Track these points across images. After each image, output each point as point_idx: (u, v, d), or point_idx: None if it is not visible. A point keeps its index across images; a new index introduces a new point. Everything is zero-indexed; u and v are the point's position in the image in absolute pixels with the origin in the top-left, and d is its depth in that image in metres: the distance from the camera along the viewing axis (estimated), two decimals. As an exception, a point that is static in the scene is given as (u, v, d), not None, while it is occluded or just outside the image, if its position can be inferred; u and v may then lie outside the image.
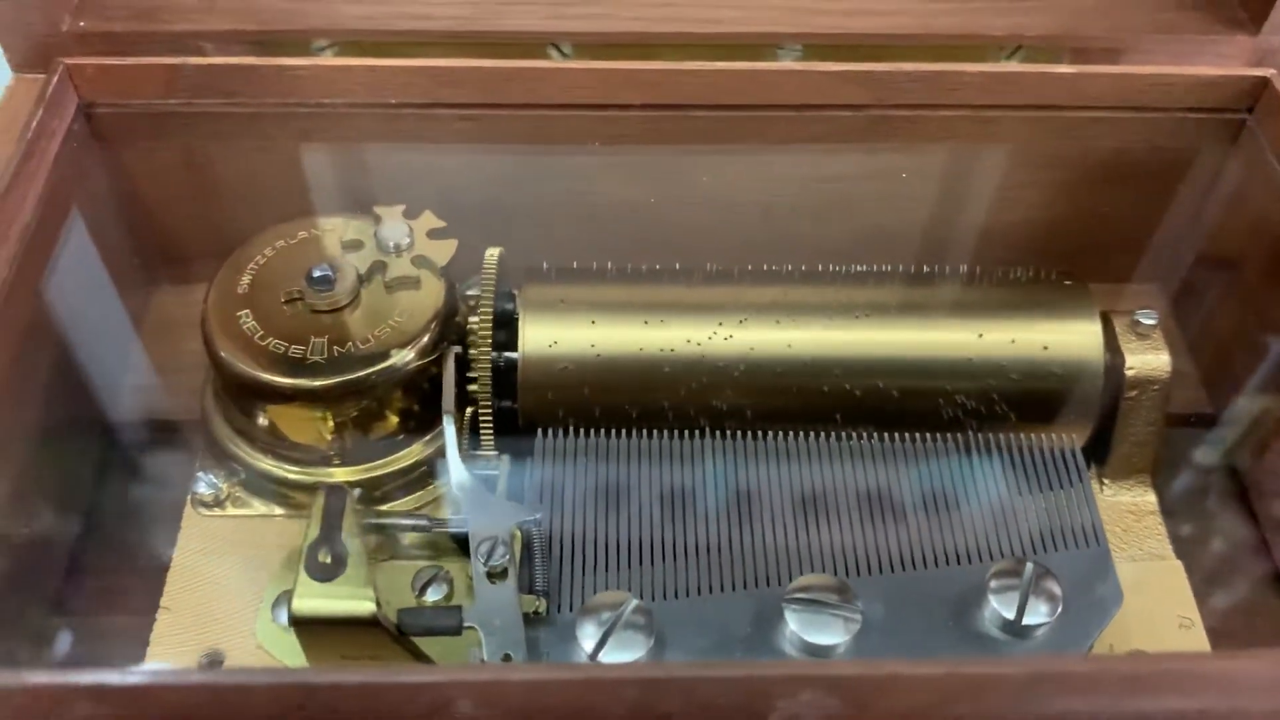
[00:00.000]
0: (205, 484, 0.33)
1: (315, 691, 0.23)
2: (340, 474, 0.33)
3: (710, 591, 0.29)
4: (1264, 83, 0.36)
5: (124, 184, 0.37)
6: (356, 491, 0.31)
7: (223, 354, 0.31)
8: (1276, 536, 0.34)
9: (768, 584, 0.29)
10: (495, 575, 0.29)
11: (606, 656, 0.27)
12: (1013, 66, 0.37)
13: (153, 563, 0.32)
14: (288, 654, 0.30)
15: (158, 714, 0.23)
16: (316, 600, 0.27)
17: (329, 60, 0.36)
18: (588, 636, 0.28)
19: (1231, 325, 0.38)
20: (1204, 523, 0.35)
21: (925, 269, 0.34)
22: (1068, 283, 0.34)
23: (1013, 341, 0.32)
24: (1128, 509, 0.34)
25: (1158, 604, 0.32)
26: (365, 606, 0.27)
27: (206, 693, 0.23)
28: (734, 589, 0.29)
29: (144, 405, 0.37)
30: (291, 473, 0.33)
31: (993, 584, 0.29)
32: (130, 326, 0.38)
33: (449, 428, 0.31)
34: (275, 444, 0.32)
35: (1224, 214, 0.38)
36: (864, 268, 0.34)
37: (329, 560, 0.28)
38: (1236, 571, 0.34)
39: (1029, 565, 0.29)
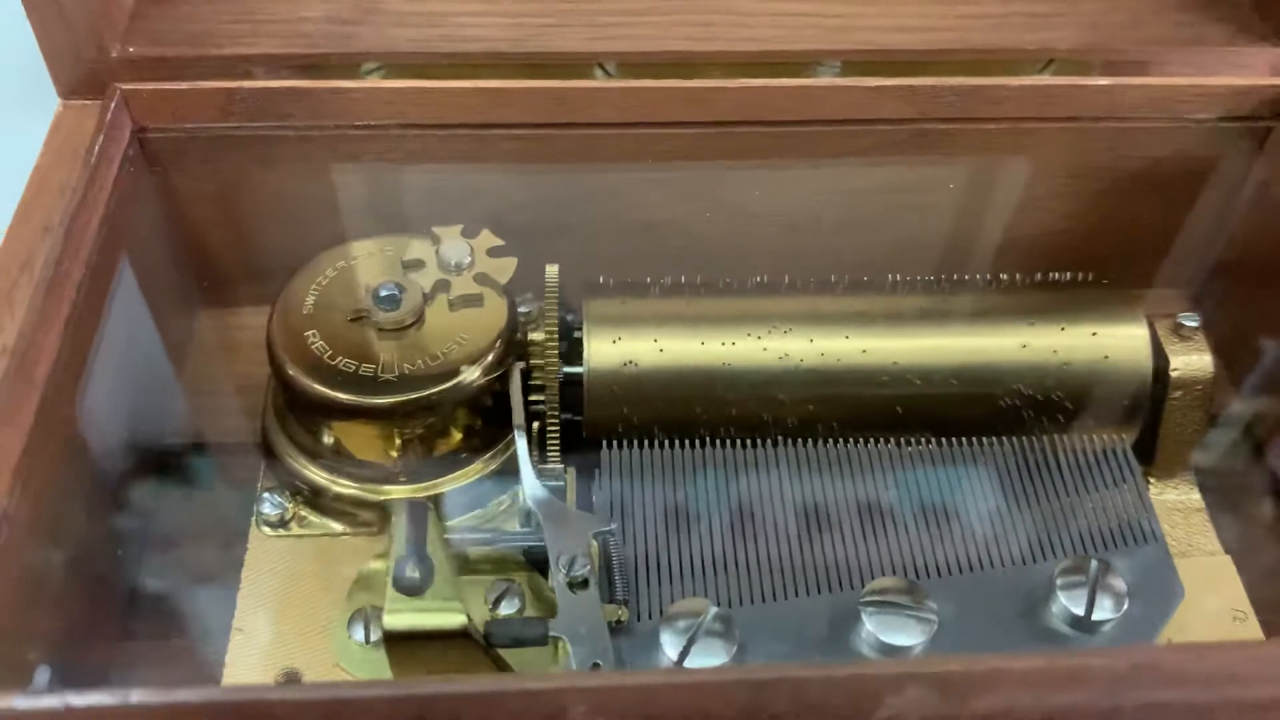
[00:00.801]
0: (270, 504, 0.33)
1: (433, 702, 0.23)
2: (403, 491, 0.33)
3: (785, 597, 0.30)
4: None
5: (173, 206, 0.37)
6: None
7: (292, 373, 0.31)
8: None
9: (841, 588, 0.30)
10: (576, 586, 0.29)
11: (692, 663, 0.28)
12: (1048, 80, 0.38)
13: (221, 584, 0.33)
14: (367, 671, 0.30)
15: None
16: (407, 615, 0.27)
17: (379, 83, 0.37)
18: (671, 644, 0.28)
19: (1261, 330, 0.39)
20: (1246, 519, 0.36)
21: (969, 277, 0.35)
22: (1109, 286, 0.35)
23: (1064, 346, 0.34)
24: (1175, 507, 0.35)
25: (1211, 598, 0.33)
26: (456, 619, 0.27)
27: (324, 707, 0.23)
28: (807, 594, 0.30)
29: (199, 428, 0.37)
30: (357, 490, 0.33)
31: (1059, 581, 0.31)
32: (180, 349, 0.38)
33: (521, 443, 0.31)
34: (341, 462, 0.33)
35: (1251, 220, 0.39)
36: (912, 277, 0.35)
37: (416, 575, 0.28)
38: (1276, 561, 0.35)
39: (1094, 562, 0.30)
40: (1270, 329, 0.39)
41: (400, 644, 0.28)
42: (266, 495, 0.34)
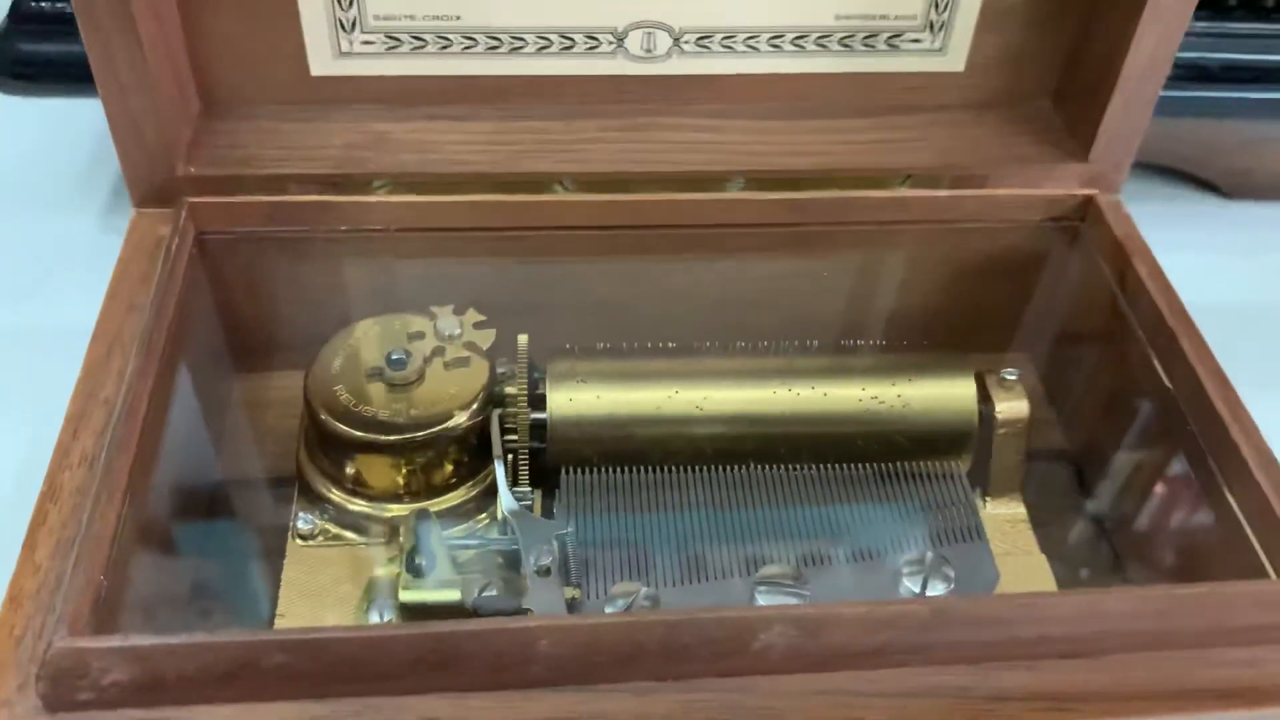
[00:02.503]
0: (304, 521, 0.42)
1: (443, 638, 0.32)
2: (406, 509, 0.42)
3: (699, 581, 0.39)
4: (1090, 199, 0.48)
5: (223, 292, 0.46)
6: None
7: (324, 417, 0.41)
8: (1114, 534, 0.46)
9: (742, 574, 0.39)
10: (542, 573, 0.38)
11: (627, 627, 0.37)
12: (906, 192, 0.48)
13: (266, 584, 0.42)
14: (381, 643, 0.39)
15: (329, 660, 0.32)
16: (417, 592, 0.37)
17: (387, 196, 0.46)
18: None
19: (1080, 382, 0.50)
20: (1060, 527, 0.46)
21: (844, 342, 0.46)
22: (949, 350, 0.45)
23: (911, 395, 0.44)
24: (1004, 518, 0.45)
25: (1026, 586, 0.43)
26: (454, 595, 0.37)
27: (364, 642, 0.32)
28: (719, 578, 0.39)
29: (244, 466, 0.46)
30: (370, 509, 0.42)
31: (904, 570, 0.40)
32: (225, 403, 0.47)
33: (499, 469, 0.41)
34: (359, 487, 0.42)
35: (1069, 299, 0.49)
36: (799, 343, 0.45)
37: (423, 563, 0.37)
38: (1084, 561, 0.45)
39: (929, 554, 0.40)
40: (1085, 381, 0.49)
41: (411, 614, 0.37)
42: (300, 514, 0.43)
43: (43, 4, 0.56)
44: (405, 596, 0.36)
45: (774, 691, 0.33)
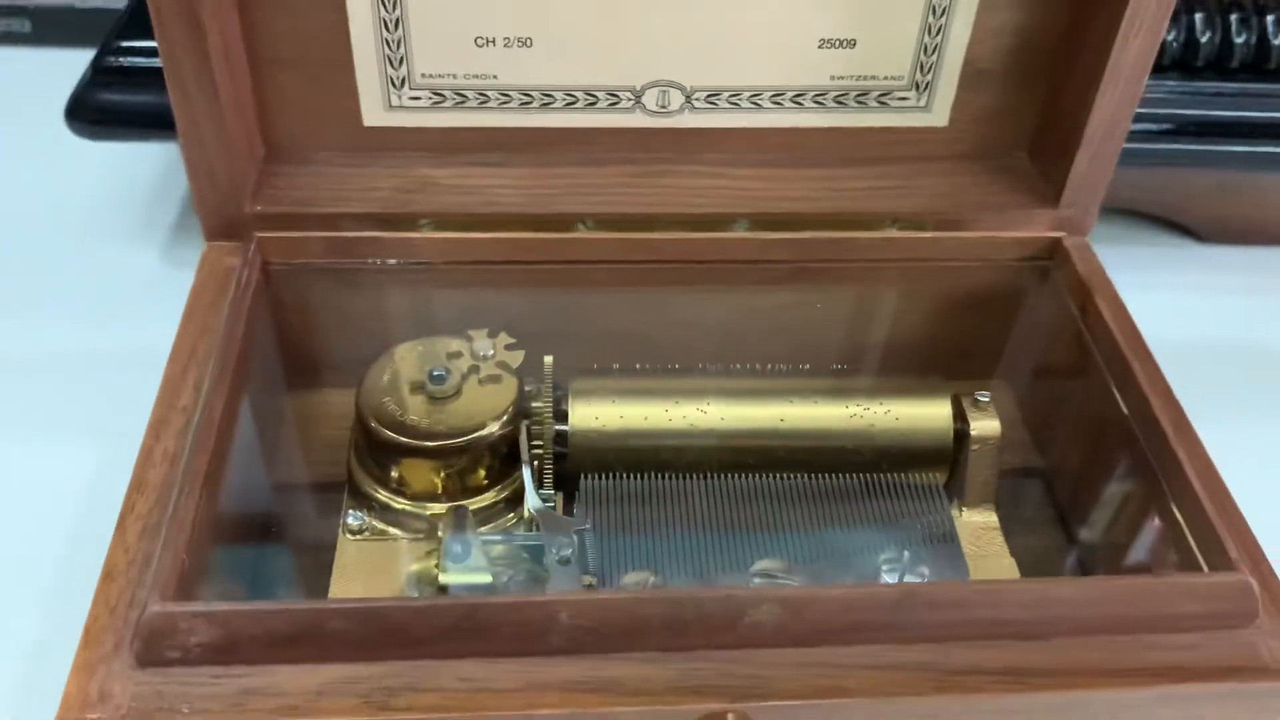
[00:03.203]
0: (354, 518, 0.47)
1: (477, 609, 0.37)
2: (443, 507, 0.47)
3: (702, 573, 0.44)
4: (1057, 241, 0.52)
5: (283, 317, 0.50)
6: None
7: (373, 425, 0.46)
8: (1077, 538, 0.50)
9: (740, 567, 0.44)
10: (562, 563, 0.43)
11: (637, 611, 0.42)
12: (894, 234, 0.51)
13: (320, 573, 0.47)
14: (421, 624, 0.44)
15: (380, 626, 0.37)
16: (455, 575, 0.42)
17: (431, 233, 0.50)
18: (624, 600, 0.42)
19: (1050, 405, 0.54)
20: (1031, 535, 0.51)
21: (837, 367, 0.51)
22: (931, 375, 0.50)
23: (894, 414, 0.48)
24: (978, 526, 0.49)
25: (997, 586, 0.47)
26: (486, 577, 0.42)
27: (410, 611, 0.37)
28: (720, 571, 0.44)
29: (300, 471, 0.52)
30: (412, 507, 0.46)
31: (883, 566, 0.44)
32: (283, 415, 0.53)
33: (526, 473, 0.46)
34: (402, 488, 0.47)
35: (1040, 331, 0.54)
36: (794, 367, 0.50)
37: (459, 549, 0.42)
38: (1049, 561, 0.49)
39: (906, 553, 0.45)
40: (1054, 404, 0.54)
41: (449, 594, 0.42)
42: (350, 512, 0.47)
43: (120, 60, 0.62)
44: (444, 579, 0.42)
45: (762, 662, 0.37)
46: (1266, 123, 0.64)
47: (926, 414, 0.48)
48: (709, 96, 0.52)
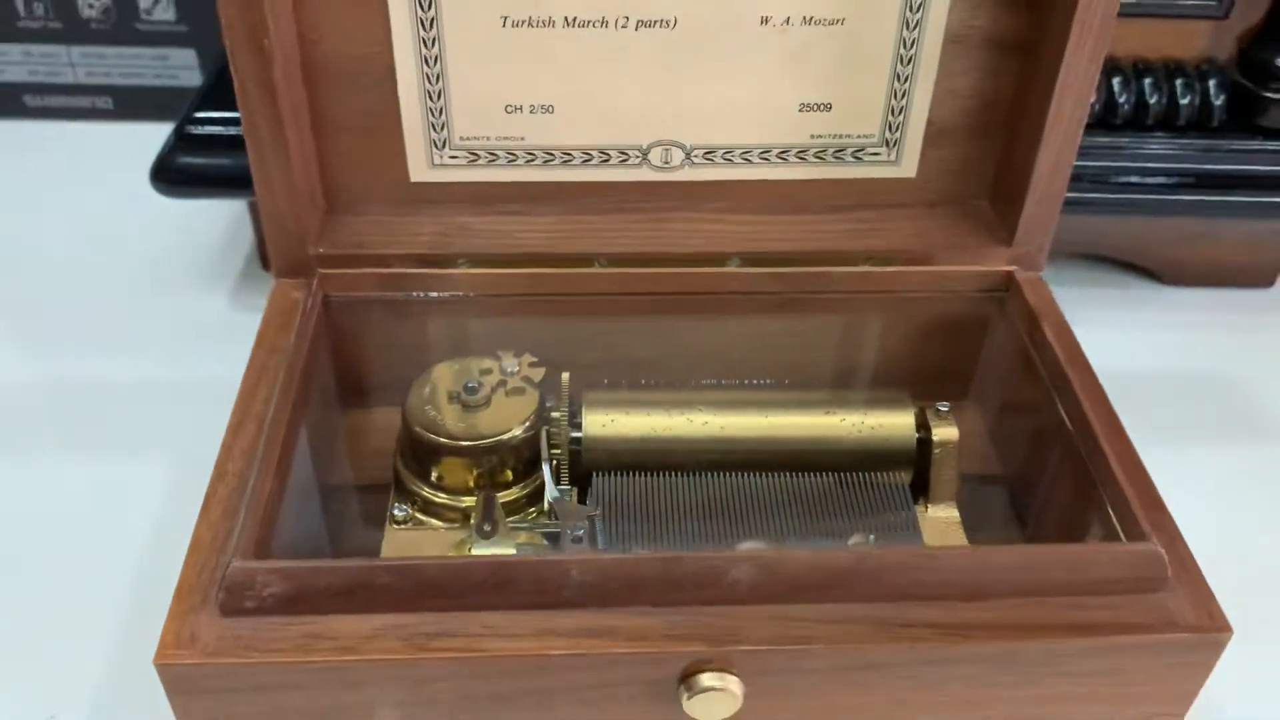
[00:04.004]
0: (399, 510, 0.54)
1: (501, 566, 0.44)
2: (474, 501, 0.55)
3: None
4: (1011, 274, 0.58)
5: (339, 342, 0.59)
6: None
7: (416, 429, 0.54)
8: (1026, 528, 0.56)
9: (734, 547, 0.51)
10: (576, 542, 0.50)
11: (639, 582, 0.49)
12: (866, 268, 0.57)
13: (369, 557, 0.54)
14: (455, 597, 0.51)
15: (419, 580, 0.43)
16: (484, 548, 0.49)
17: (467, 270, 0.56)
18: (628, 573, 0.50)
19: (1009, 418, 0.61)
20: (991, 530, 0.57)
21: (817, 383, 0.58)
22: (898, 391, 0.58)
23: (865, 423, 0.55)
24: (942, 521, 0.55)
25: (956, 570, 0.54)
26: (511, 550, 0.49)
27: (444, 568, 0.44)
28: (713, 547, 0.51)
29: (353, 472, 0.60)
30: (449, 500, 0.54)
31: (851, 547, 0.52)
32: (337, 430, 0.61)
33: (546, 470, 0.53)
34: (440, 484, 0.54)
35: (997, 353, 0.61)
36: (781, 383, 0.58)
37: (488, 529, 0.50)
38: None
39: (871, 537, 0.51)
40: (1012, 417, 0.61)
41: (478, 566, 0.49)
42: (396, 505, 0.54)
43: (197, 129, 0.72)
44: (476, 551, 0.49)
45: (740, 615, 0.42)
46: (1212, 174, 0.71)
47: (892, 422, 0.55)
48: (706, 153, 0.58)
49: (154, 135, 0.70)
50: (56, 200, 0.82)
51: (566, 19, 0.54)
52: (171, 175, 0.71)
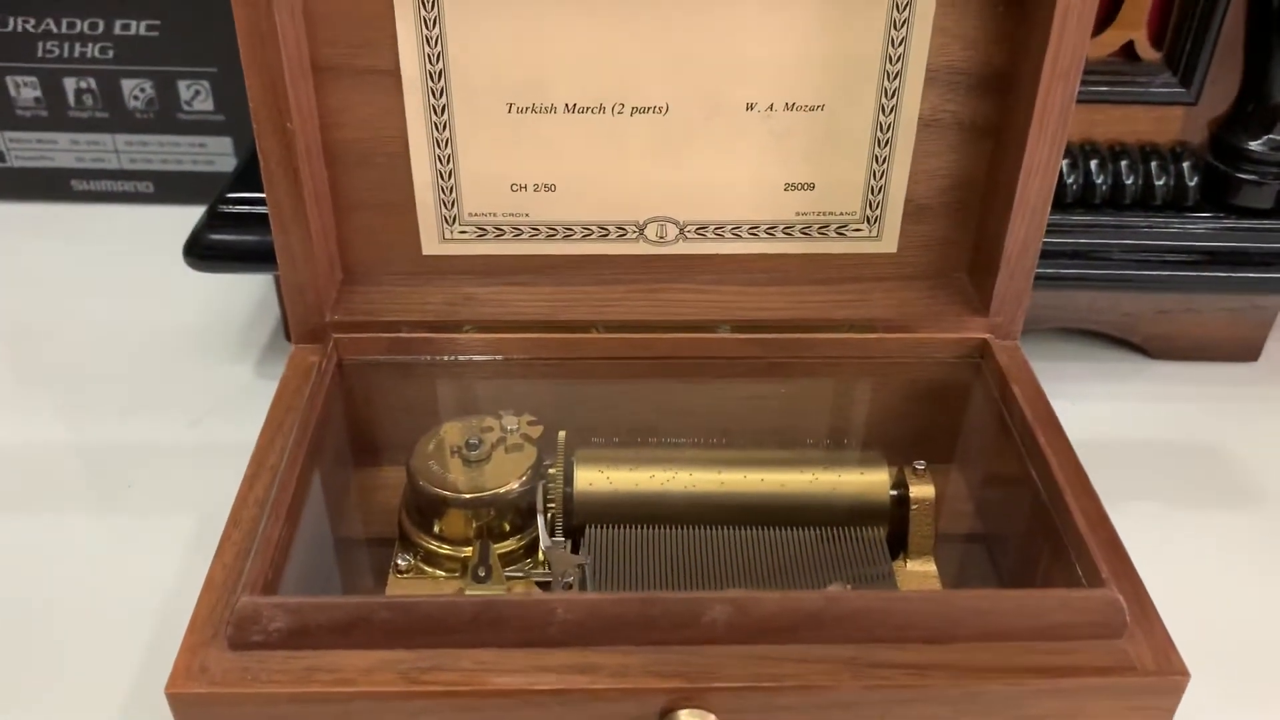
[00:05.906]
0: (402, 560, 0.57)
1: (491, 605, 0.47)
2: (473, 552, 0.58)
3: (680, 599, 0.54)
4: (985, 342, 0.61)
5: (351, 403, 0.63)
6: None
7: (420, 483, 0.57)
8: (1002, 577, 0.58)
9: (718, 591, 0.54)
10: (566, 589, 0.53)
11: (624, 626, 0.52)
12: (849, 335, 0.59)
13: (372, 602, 0.57)
14: (452, 641, 0.54)
15: (415, 617, 0.46)
16: (479, 590, 0.52)
17: (472, 335, 0.59)
18: (614, 618, 0.52)
19: (985, 477, 0.64)
20: (969, 584, 0.59)
21: (800, 443, 0.61)
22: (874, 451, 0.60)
23: (842, 480, 0.58)
24: (920, 574, 0.58)
25: (931, 621, 0.56)
26: (503, 591, 0.52)
27: (438, 605, 0.47)
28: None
29: (360, 526, 0.63)
30: (451, 550, 0.57)
31: (829, 596, 0.54)
32: (348, 487, 0.64)
33: (541, 522, 0.57)
34: (442, 535, 0.57)
35: (975, 419, 0.65)
36: (764, 442, 0.61)
37: (482, 573, 0.53)
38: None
39: (848, 586, 0.54)
40: (987, 476, 0.63)
41: (473, 609, 0.52)
42: (400, 555, 0.58)
43: (227, 208, 0.76)
44: (469, 593, 0.52)
45: (716, 654, 0.44)
46: (1188, 250, 0.75)
47: (868, 480, 0.58)
48: (698, 229, 0.62)
49: (191, 217, 0.73)
50: (99, 277, 0.86)
51: (567, 105, 0.58)
52: (202, 250, 0.74)
